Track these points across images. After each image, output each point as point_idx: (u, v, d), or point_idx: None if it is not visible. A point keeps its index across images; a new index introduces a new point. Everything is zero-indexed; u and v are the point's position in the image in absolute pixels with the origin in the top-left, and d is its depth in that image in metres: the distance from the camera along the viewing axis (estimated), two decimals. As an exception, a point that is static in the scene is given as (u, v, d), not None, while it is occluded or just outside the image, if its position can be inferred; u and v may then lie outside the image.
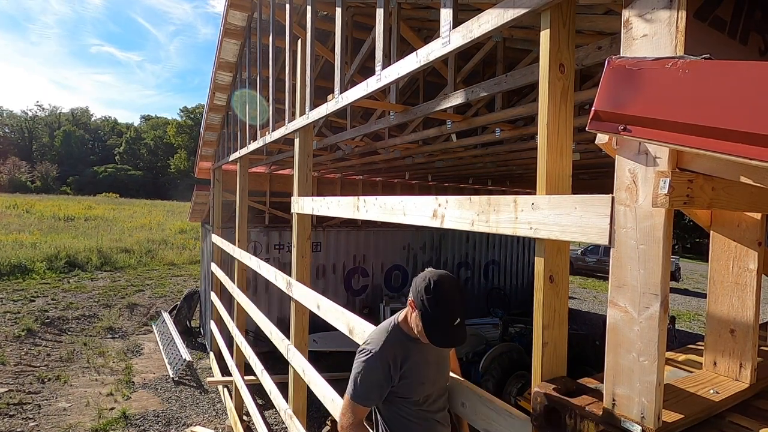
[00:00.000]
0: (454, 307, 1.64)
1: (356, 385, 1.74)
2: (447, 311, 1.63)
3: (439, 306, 1.62)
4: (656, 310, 1.04)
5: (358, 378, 1.74)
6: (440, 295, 1.63)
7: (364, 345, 1.79)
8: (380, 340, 1.75)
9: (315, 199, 3.13)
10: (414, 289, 1.70)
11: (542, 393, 1.29)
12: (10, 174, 52.30)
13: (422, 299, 1.64)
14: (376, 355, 1.71)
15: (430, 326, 1.63)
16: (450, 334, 1.63)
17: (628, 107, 0.99)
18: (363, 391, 1.74)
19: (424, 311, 1.63)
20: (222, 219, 7.57)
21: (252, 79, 5.37)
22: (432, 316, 1.62)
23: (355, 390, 1.75)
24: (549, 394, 1.27)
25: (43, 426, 5.53)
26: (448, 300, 1.63)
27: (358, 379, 1.74)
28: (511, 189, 11.53)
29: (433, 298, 1.62)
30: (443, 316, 1.62)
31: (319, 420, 5.32)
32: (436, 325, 1.63)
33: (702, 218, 1.58)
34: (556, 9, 1.35)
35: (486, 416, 1.59)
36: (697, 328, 11.43)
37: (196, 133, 55.50)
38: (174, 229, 23.84)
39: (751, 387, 1.44)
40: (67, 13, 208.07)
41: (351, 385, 1.76)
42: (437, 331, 1.63)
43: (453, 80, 3.15)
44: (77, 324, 9.82)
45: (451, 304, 1.64)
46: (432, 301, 1.62)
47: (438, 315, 1.62)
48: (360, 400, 1.75)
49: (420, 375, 1.75)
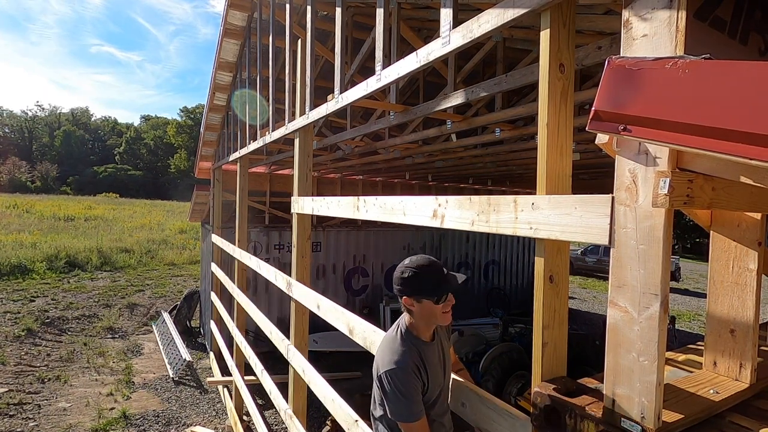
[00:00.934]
0: (431, 262, 1.70)
1: (405, 404, 1.62)
2: (430, 268, 1.68)
3: (421, 270, 1.67)
4: (656, 310, 1.04)
5: (402, 397, 1.62)
6: (415, 265, 1.68)
7: (390, 364, 1.66)
8: (401, 352, 1.67)
9: (315, 199, 3.13)
10: (398, 287, 1.72)
11: (542, 393, 1.29)
12: (10, 174, 52.30)
13: (408, 281, 1.67)
14: (406, 369, 1.64)
15: (432, 288, 1.65)
16: (451, 277, 1.68)
17: (628, 107, 0.99)
18: (414, 407, 1.64)
19: (418, 286, 1.66)
20: (222, 219, 7.57)
21: (252, 79, 5.37)
22: (425, 281, 1.65)
23: (408, 410, 1.63)
24: (549, 394, 1.27)
25: (43, 426, 5.53)
26: (423, 263, 1.69)
27: (403, 399, 1.62)
28: (511, 189, 11.52)
29: (412, 272, 1.67)
30: (432, 273, 1.67)
31: (319, 420, 5.32)
32: (436, 282, 1.66)
33: (702, 218, 1.58)
34: (556, 9, 1.35)
35: (486, 416, 1.59)
36: (697, 328, 11.43)
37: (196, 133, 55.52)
38: (174, 229, 23.84)
39: (751, 387, 1.44)
40: (67, 13, 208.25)
41: (399, 407, 1.63)
42: (440, 283, 1.66)
43: (453, 80, 3.14)
44: (77, 324, 9.82)
45: (427, 262, 1.70)
46: (413, 273, 1.67)
47: (428, 274, 1.66)
48: (416, 417, 1.64)
49: (435, 376, 1.73)
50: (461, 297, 8.78)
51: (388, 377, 1.63)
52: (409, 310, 1.73)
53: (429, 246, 10.89)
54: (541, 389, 1.30)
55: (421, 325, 1.73)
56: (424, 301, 1.67)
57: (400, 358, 1.65)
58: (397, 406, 1.63)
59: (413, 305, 1.69)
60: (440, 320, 1.71)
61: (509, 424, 1.48)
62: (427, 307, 1.67)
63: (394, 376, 1.63)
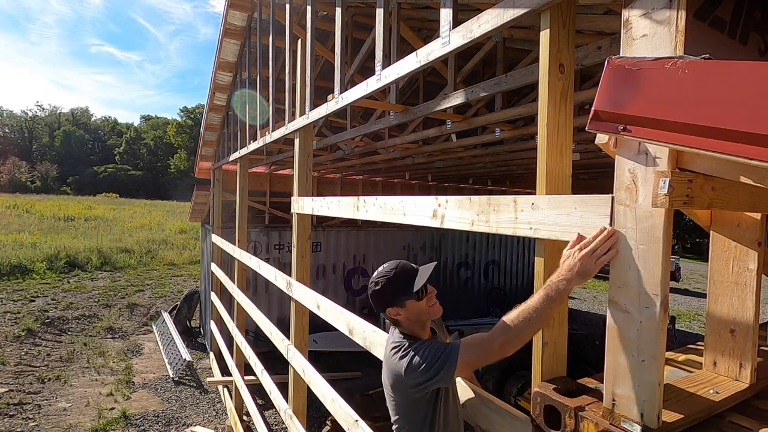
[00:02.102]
0: (398, 263, 1.65)
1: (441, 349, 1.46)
2: (399, 269, 1.62)
3: (391, 275, 1.61)
4: (656, 310, 1.04)
5: (435, 352, 1.46)
6: (383, 274, 1.63)
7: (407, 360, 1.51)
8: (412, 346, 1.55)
9: (315, 199, 3.13)
10: (376, 303, 1.64)
11: (542, 393, 1.29)
12: (10, 174, 52.28)
13: (383, 291, 1.61)
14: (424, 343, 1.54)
15: (408, 286, 1.58)
16: (422, 268, 1.63)
17: (627, 107, 0.99)
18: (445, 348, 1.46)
19: (394, 290, 1.59)
20: (222, 219, 7.56)
21: (252, 79, 5.37)
22: (400, 283, 1.59)
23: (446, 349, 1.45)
24: (549, 394, 1.27)
25: (43, 426, 5.53)
26: (390, 268, 1.64)
27: (437, 351, 1.46)
28: (511, 189, 11.52)
29: (384, 281, 1.61)
30: (403, 272, 1.62)
31: (319, 420, 5.32)
32: (410, 278, 1.59)
33: (702, 218, 1.58)
34: (556, 9, 1.35)
35: (486, 416, 1.59)
36: (697, 328, 11.43)
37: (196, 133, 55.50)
38: (174, 229, 23.84)
39: (751, 387, 1.44)
40: (66, 13, 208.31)
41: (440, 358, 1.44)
42: (414, 278, 1.60)
43: (453, 80, 3.14)
44: (77, 324, 9.82)
45: (393, 265, 1.65)
46: (386, 281, 1.61)
47: (400, 275, 1.61)
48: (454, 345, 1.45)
49: None
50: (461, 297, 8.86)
51: (414, 369, 1.47)
52: (397, 322, 1.64)
53: (429, 246, 10.89)
54: (541, 389, 1.30)
55: (415, 328, 1.63)
56: (407, 303, 1.59)
57: (413, 352, 1.51)
58: (441, 362, 1.44)
59: (399, 313, 1.61)
60: (431, 314, 1.64)
61: (509, 424, 1.48)
62: (412, 308, 1.60)
63: (416, 362, 1.48)
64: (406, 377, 1.49)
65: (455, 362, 1.41)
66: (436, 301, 1.66)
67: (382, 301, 1.62)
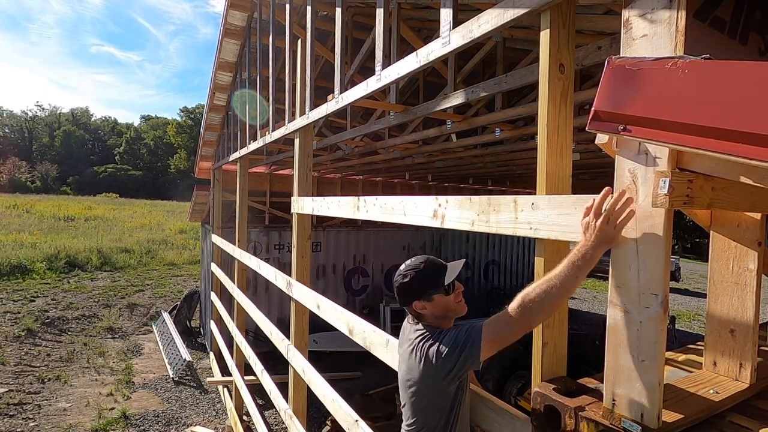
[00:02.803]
0: (427, 258, 1.66)
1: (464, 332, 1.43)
2: (429, 263, 1.63)
3: (421, 268, 1.61)
4: (656, 310, 1.04)
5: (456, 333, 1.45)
6: (413, 266, 1.63)
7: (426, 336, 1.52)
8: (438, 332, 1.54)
9: (315, 199, 3.13)
10: (404, 295, 1.63)
11: (542, 393, 1.29)
12: (10, 174, 52.26)
13: (412, 284, 1.60)
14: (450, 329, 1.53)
15: (438, 280, 1.58)
16: (452, 264, 1.63)
17: (627, 107, 0.99)
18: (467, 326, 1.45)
19: (424, 284, 1.58)
20: (222, 219, 7.57)
21: (252, 79, 5.37)
22: (429, 277, 1.59)
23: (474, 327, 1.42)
24: (549, 394, 1.27)
25: (43, 426, 5.53)
26: (420, 261, 1.64)
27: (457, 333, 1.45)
28: (511, 189, 11.52)
29: (414, 273, 1.61)
30: (433, 266, 1.62)
31: (319, 420, 5.32)
32: (440, 273, 1.60)
33: (702, 218, 1.58)
34: (556, 9, 1.35)
35: (486, 416, 1.59)
36: (697, 328, 11.42)
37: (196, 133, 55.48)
38: (174, 229, 23.83)
39: (751, 387, 1.44)
40: (66, 13, 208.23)
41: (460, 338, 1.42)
42: (444, 272, 1.60)
43: (453, 80, 3.14)
44: (77, 324, 9.82)
45: (423, 259, 1.65)
46: (415, 273, 1.60)
47: (430, 269, 1.61)
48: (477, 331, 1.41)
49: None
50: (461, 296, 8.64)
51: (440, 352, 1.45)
52: (421, 316, 1.61)
53: (429, 246, 10.89)
54: (541, 389, 1.30)
55: (440, 324, 1.60)
56: (435, 297, 1.57)
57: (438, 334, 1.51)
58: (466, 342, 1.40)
59: (425, 307, 1.59)
60: (457, 310, 1.62)
61: (509, 424, 1.48)
62: (440, 303, 1.58)
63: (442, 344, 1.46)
64: (437, 364, 1.46)
65: (480, 340, 1.38)
66: (462, 299, 1.64)
67: (411, 294, 1.60)
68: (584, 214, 1.18)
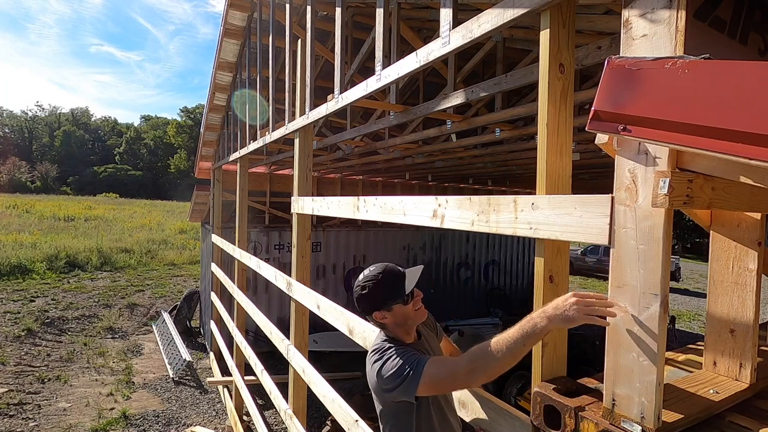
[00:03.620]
0: (386, 267, 1.64)
1: (410, 361, 1.44)
2: (387, 273, 1.61)
3: (379, 279, 1.60)
4: (656, 310, 1.04)
5: (404, 362, 1.45)
6: (371, 277, 1.61)
7: (381, 360, 1.52)
8: (389, 347, 1.56)
9: (315, 199, 3.13)
10: (363, 306, 1.63)
11: (542, 393, 1.29)
12: (10, 174, 52.29)
13: (371, 295, 1.59)
14: (397, 349, 1.53)
15: (396, 290, 1.57)
16: (410, 272, 1.62)
17: (627, 107, 0.99)
18: (418, 356, 1.46)
19: (382, 294, 1.58)
20: (222, 219, 7.57)
21: (252, 79, 5.37)
22: (387, 287, 1.58)
23: (415, 363, 1.43)
24: (549, 394, 1.27)
25: (43, 426, 5.53)
26: (378, 272, 1.62)
27: (406, 361, 1.45)
28: (511, 189, 11.52)
29: (372, 284, 1.60)
30: (391, 276, 1.61)
31: (319, 420, 5.32)
32: (398, 283, 1.59)
33: (702, 218, 1.58)
34: (556, 9, 1.35)
35: (486, 416, 1.59)
36: (697, 328, 11.43)
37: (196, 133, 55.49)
38: (174, 229, 23.84)
39: (751, 387, 1.44)
40: (66, 13, 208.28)
41: (405, 373, 1.43)
42: (402, 282, 1.59)
43: (453, 80, 3.14)
44: (77, 324, 9.82)
45: (382, 268, 1.63)
46: (373, 284, 1.59)
47: (388, 279, 1.60)
48: (423, 360, 1.43)
49: None
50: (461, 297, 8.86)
51: (380, 372, 1.49)
52: (383, 325, 1.63)
53: (429, 246, 10.90)
54: (541, 389, 1.30)
55: (399, 331, 1.63)
56: (394, 307, 1.58)
57: (388, 351, 1.54)
58: (405, 375, 1.42)
59: (385, 317, 1.60)
60: (416, 318, 1.64)
61: (509, 424, 1.48)
62: (399, 312, 1.59)
63: (384, 366, 1.49)
64: (379, 383, 1.50)
65: (418, 377, 1.40)
66: (421, 306, 1.66)
67: (370, 305, 1.61)
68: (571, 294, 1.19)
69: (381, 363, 1.51)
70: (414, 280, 1.59)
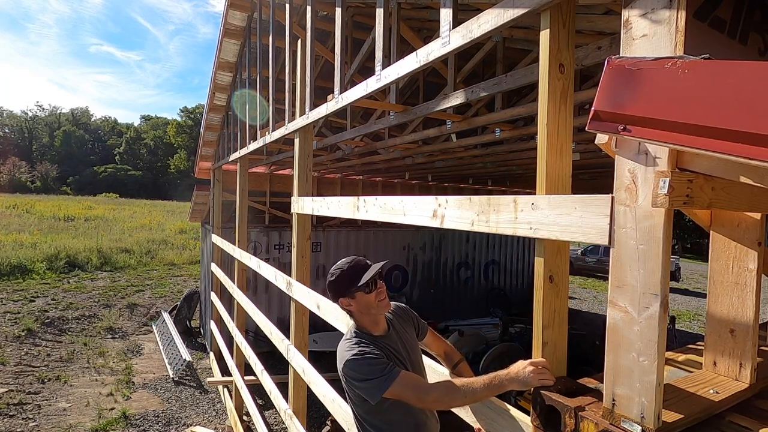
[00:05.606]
0: (353, 258, 1.81)
1: (377, 371, 1.58)
2: (353, 263, 1.77)
3: (345, 268, 1.75)
4: (656, 310, 1.04)
5: (372, 371, 1.58)
6: (339, 267, 1.78)
7: (348, 357, 1.65)
8: (356, 343, 1.70)
9: (315, 199, 3.13)
10: (332, 293, 1.79)
11: (542, 393, 1.29)
12: (10, 174, 52.28)
13: (337, 282, 1.75)
14: (364, 353, 1.64)
15: (357, 279, 1.70)
16: (374, 265, 1.77)
17: (627, 107, 0.99)
18: (386, 367, 1.59)
19: (346, 282, 1.72)
20: (222, 219, 7.57)
21: (252, 79, 5.37)
22: (351, 276, 1.72)
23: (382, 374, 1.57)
24: (549, 394, 1.27)
25: (43, 426, 5.53)
26: (346, 262, 1.79)
27: (374, 370, 1.58)
28: (511, 189, 11.53)
29: (339, 273, 1.75)
30: (355, 266, 1.75)
31: (319, 420, 5.32)
32: (360, 272, 1.72)
33: (702, 218, 1.58)
34: (556, 9, 1.35)
35: (486, 416, 1.59)
36: (697, 328, 11.43)
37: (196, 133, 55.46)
38: (174, 229, 23.84)
39: (751, 387, 1.44)
40: (66, 13, 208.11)
41: (372, 382, 1.58)
42: (364, 272, 1.72)
43: (453, 80, 3.15)
44: (77, 324, 9.82)
45: (350, 259, 1.80)
46: (339, 273, 1.75)
47: (352, 268, 1.74)
48: (394, 373, 1.57)
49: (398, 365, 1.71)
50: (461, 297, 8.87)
51: (350, 367, 1.63)
52: (350, 312, 1.79)
53: (429, 246, 10.89)
54: (541, 389, 1.30)
55: (366, 321, 1.77)
56: (357, 294, 1.72)
57: (356, 350, 1.67)
58: (371, 382, 1.58)
59: (351, 304, 1.75)
60: (379, 308, 1.76)
61: (509, 424, 1.48)
62: (362, 300, 1.73)
63: (354, 363, 1.63)
64: (345, 370, 1.65)
65: (385, 389, 1.56)
66: (386, 297, 1.79)
67: (336, 292, 1.77)
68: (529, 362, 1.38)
69: (350, 355, 1.65)
70: (374, 271, 1.72)
